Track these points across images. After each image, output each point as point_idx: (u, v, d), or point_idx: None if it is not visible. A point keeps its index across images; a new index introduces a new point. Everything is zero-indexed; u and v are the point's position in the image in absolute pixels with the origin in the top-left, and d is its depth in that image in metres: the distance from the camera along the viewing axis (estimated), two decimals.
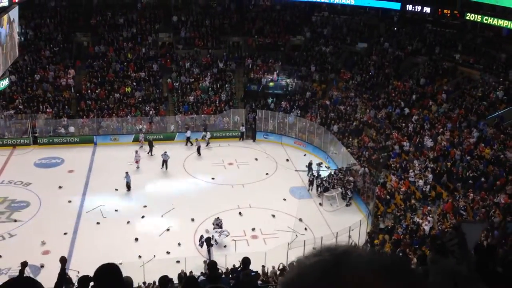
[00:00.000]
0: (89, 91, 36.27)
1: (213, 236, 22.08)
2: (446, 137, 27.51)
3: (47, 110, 34.55)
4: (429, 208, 23.10)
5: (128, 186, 27.32)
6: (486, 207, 21.22)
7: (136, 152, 30.66)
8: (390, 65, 37.23)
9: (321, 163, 30.65)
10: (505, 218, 20.02)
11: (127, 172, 27.71)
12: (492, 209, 20.87)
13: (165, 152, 30.34)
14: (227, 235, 22.68)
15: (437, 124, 29.09)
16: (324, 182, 27.97)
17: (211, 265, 11.89)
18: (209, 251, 21.56)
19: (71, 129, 33.93)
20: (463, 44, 35.31)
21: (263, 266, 19.24)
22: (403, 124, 30.62)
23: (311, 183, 28.40)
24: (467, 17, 33.22)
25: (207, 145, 33.70)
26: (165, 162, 30.11)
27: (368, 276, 1.06)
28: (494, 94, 29.06)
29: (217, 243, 22.20)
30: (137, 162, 30.02)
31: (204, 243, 21.56)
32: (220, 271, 14.49)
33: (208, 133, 34.20)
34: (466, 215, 21.35)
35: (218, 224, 22.95)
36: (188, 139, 33.90)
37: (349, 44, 40.83)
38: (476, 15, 32.39)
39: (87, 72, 37.64)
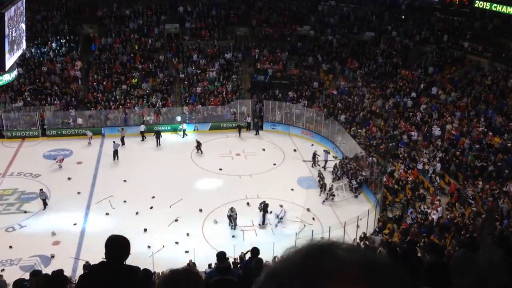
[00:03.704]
0: (95, 83, 36.36)
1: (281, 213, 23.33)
2: (454, 126, 27.36)
3: (55, 102, 34.71)
4: (437, 197, 23.04)
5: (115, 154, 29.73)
6: (495, 196, 21.12)
7: (114, 142, 30.78)
8: (398, 54, 36.98)
9: (328, 151, 30.59)
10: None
11: (114, 141, 30.13)
12: (501, 198, 20.78)
13: (114, 141, 30.67)
14: (285, 214, 23.42)
15: (446, 113, 28.92)
16: (335, 171, 28.02)
17: (220, 256, 11.94)
18: (263, 216, 23.47)
19: (79, 120, 34.08)
20: (472, 32, 34.97)
21: (275, 257, 19.27)
22: (411, 114, 30.47)
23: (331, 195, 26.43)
24: (476, 5, 32.93)
25: (183, 136, 33.88)
26: (115, 152, 30.26)
27: (349, 269, 1.05)
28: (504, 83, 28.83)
29: (281, 218, 23.19)
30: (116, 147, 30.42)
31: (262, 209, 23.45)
32: (229, 261, 14.56)
33: (185, 124, 34.17)
34: (475, 204, 21.28)
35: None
36: (183, 131, 33.94)
37: (356, 33, 40.57)
38: (485, 3, 32.11)
39: (94, 64, 37.71)
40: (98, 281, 3.54)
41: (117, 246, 3.50)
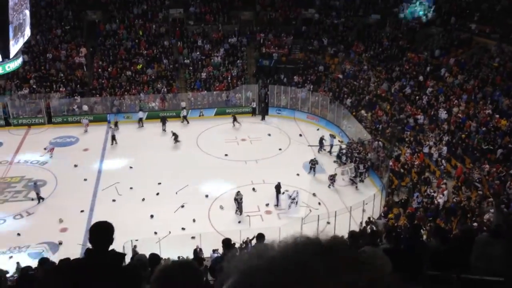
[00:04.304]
0: (100, 70, 36.32)
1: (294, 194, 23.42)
2: (461, 109, 27.14)
3: (60, 89, 34.74)
4: (444, 181, 22.95)
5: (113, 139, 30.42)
6: (501, 179, 21.00)
7: (111, 127, 31.50)
8: (404, 36, 36.58)
9: (334, 135, 30.51)
10: None
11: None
12: (508, 181, 20.66)
13: (111, 126, 31.37)
14: (298, 194, 23.46)
15: (452, 96, 28.66)
16: (341, 156, 28.01)
17: (225, 243, 12.00)
18: (277, 197, 23.96)
19: (85, 107, 34.13)
20: (480, 13, 34.46)
21: (280, 242, 19.34)
22: (417, 97, 30.24)
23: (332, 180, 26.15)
24: None
25: (183, 122, 34.05)
26: (113, 137, 30.76)
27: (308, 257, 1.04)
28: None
29: (293, 199, 23.28)
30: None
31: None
32: (235, 246, 14.64)
33: (184, 110, 34.26)
34: (481, 187, 21.18)
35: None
36: (184, 117, 33.97)
37: (362, 16, 40.13)
38: None
39: (99, 50, 37.63)
40: (81, 267, 3.57)
41: (100, 232, 3.54)
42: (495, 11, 34.15)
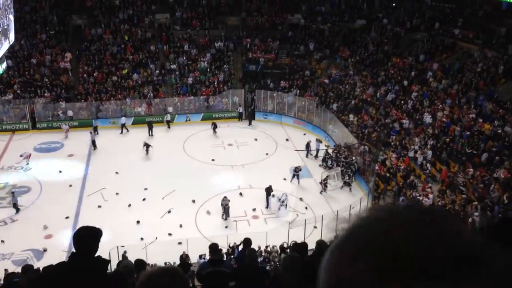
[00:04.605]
0: (85, 74, 36.07)
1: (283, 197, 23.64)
2: (445, 113, 27.45)
3: (45, 94, 34.43)
4: (429, 184, 23.17)
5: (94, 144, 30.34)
6: (485, 182, 21.26)
7: (91, 132, 31.04)
8: (389, 42, 36.94)
9: (320, 140, 30.65)
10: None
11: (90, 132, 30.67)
12: (492, 184, 20.92)
13: (90, 131, 30.92)
14: (287, 197, 23.71)
15: (437, 101, 28.99)
16: (327, 160, 28.12)
17: (212, 248, 11.95)
18: (267, 200, 23.98)
19: (70, 113, 33.84)
20: (463, 19, 34.96)
21: (267, 247, 19.38)
22: (402, 101, 30.52)
23: (324, 185, 26.20)
24: None
25: (169, 127, 33.81)
26: (93, 142, 30.56)
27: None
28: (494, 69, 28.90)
29: (283, 201, 23.47)
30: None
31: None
32: (222, 252, 14.59)
33: (168, 115, 34.05)
34: (466, 191, 21.42)
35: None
36: (167, 122, 33.79)
37: (347, 21, 40.44)
38: None
39: (84, 56, 37.38)
40: (64, 271, 3.51)
41: (86, 236, 3.47)
42: (478, 16, 34.68)
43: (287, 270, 4.34)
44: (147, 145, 29.63)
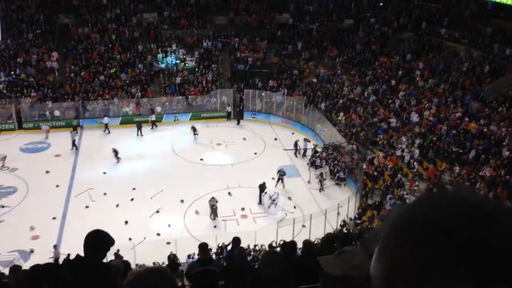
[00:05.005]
0: (72, 74, 35.79)
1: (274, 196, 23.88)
2: (432, 112, 27.69)
3: (31, 94, 34.10)
4: (416, 183, 23.35)
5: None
6: (471, 181, 21.48)
7: (71, 132, 30.89)
8: (377, 41, 37.16)
9: (308, 139, 30.76)
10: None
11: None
12: (478, 182, 21.15)
13: (70, 131, 30.74)
14: (278, 196, 23.90)
15: (423, 100, 29.23)
16: (314, 159, 28.22)
17: (202, 247, 11.95)
18: (260, 197, 24.22)
19: (57, 113, 33.56)
20: (449, 18, 35.28)
21: (255, 245, 19.39)
22: (390, 101, 30.74)
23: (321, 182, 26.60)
24: None
25: (152, 127, 33.52)
26: (73, 142, 30.25)
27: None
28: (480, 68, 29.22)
29: (274, 200, 23.69)
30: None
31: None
32: (211, 251, 14.58)
33: (153, 115, 33.81)
34: None
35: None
36: (153, 122, 33.62)
37: (335, 21, 40.61)
38: None
39: (71, 55, 37.09)
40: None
41: (96, 241, 3.42)
42: (464, 16, 35.00)
43: (266, 266, 4.38)
44: (115, 152, 28.52)
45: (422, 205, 0.84)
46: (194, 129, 31.88)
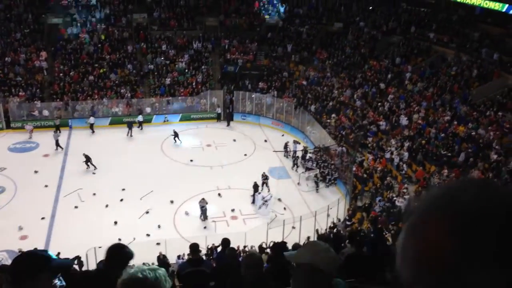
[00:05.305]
0: (61, 74, 35.54)
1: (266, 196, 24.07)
2: (421, 116, 27.95)
3: (20, 93, 33.80)
4: (405, 185, 23.54)
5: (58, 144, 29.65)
6: None
7: (54, 132, 30.64)
8: (366, 44, 37.41)
9: (298, 141, 30.89)
10: None
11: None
12: None
13: (54, 131, 30.59)
14: (271, 198, 24.03)
15: (412, 103, 29.50)
16: (303, 161, 28.33)
17: (193, 248, 11.95)
18: (253, 196, 24.40)
19: (45, 112, 33.30)
20: (437, 23, 35.65)
21: (245, 247, 19.41)
22: (379, 104, 30.97)
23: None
24: None
25: (139, 127, 33.40)
26: (57, 142, 30.05)
27: None
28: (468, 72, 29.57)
29: (266, 201, 23.87)
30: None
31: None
32: (201, 252, 14.57)
33: (141, 116, 33.62)
34: None
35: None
36: (140, 123, 33.48)
37: (325, 24, 40.82)
38: None
39: (60, 55, 36.84)
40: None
41: (118, 256, 3.48)
42: (452, 21, 35.40)
43: (248, 268, 4.42)
44: (87, 158, 27.57)
45: (467, 191, 0.84)
46: (176, 134, 31.41)
